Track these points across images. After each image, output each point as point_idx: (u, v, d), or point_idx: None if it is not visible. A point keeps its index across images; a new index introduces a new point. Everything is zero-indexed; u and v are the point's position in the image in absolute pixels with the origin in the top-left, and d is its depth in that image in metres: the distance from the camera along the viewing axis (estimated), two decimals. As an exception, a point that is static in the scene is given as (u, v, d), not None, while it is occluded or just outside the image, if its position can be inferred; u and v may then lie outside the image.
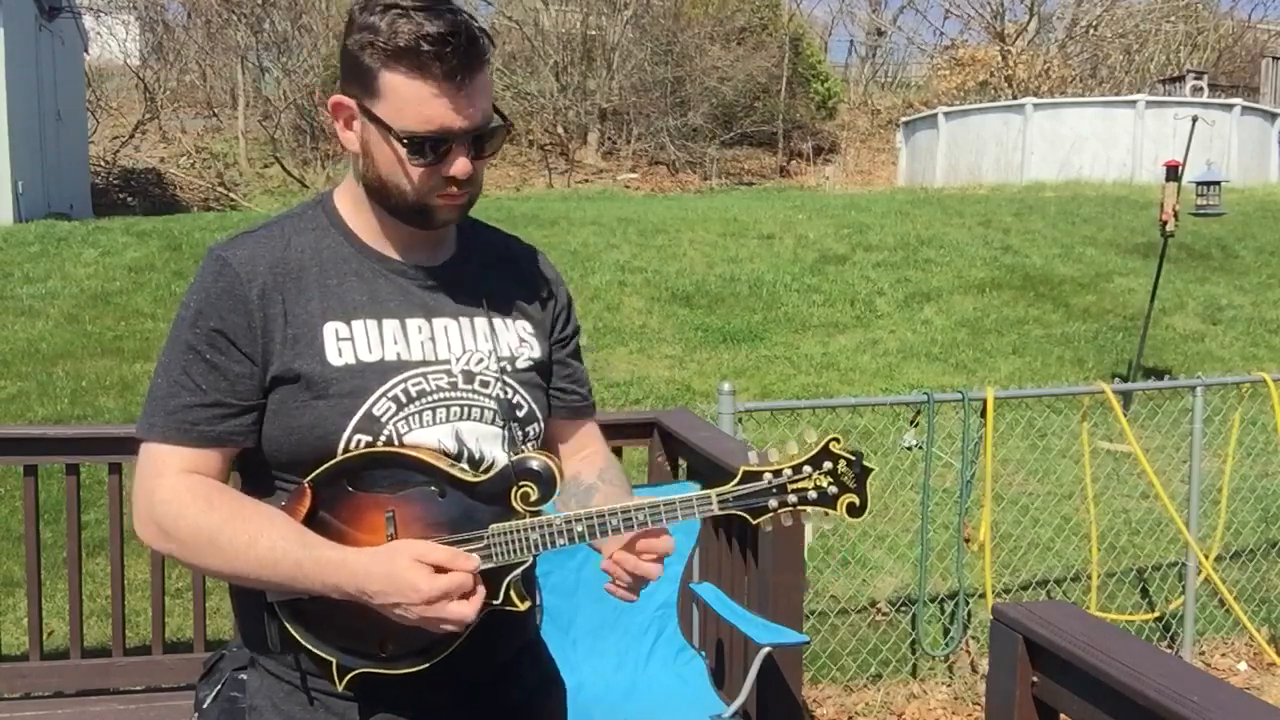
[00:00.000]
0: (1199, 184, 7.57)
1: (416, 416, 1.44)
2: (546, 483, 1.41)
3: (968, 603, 4.41)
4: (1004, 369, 7.92)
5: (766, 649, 2.76)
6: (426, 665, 1.43)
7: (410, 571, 1.33)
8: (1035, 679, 1.98)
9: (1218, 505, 4.96)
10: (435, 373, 1.47)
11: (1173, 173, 7.09)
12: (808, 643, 2.99)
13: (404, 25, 1.36)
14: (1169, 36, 26.84)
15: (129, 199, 18.11)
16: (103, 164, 19.05)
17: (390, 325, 1.47)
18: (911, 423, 4.39)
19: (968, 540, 4.46)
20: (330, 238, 1.50)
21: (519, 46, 22.35)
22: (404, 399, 1.44)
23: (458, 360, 1.49)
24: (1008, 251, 10.52)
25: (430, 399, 1.46)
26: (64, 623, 3.92)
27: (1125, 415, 4.55)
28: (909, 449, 4.51)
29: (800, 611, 3.00)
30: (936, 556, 4.92)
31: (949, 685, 4.41)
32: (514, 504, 1.40)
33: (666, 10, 22.17)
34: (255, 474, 1.48)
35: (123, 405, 6.38)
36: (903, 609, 4.76)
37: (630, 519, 1.39)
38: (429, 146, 1.40)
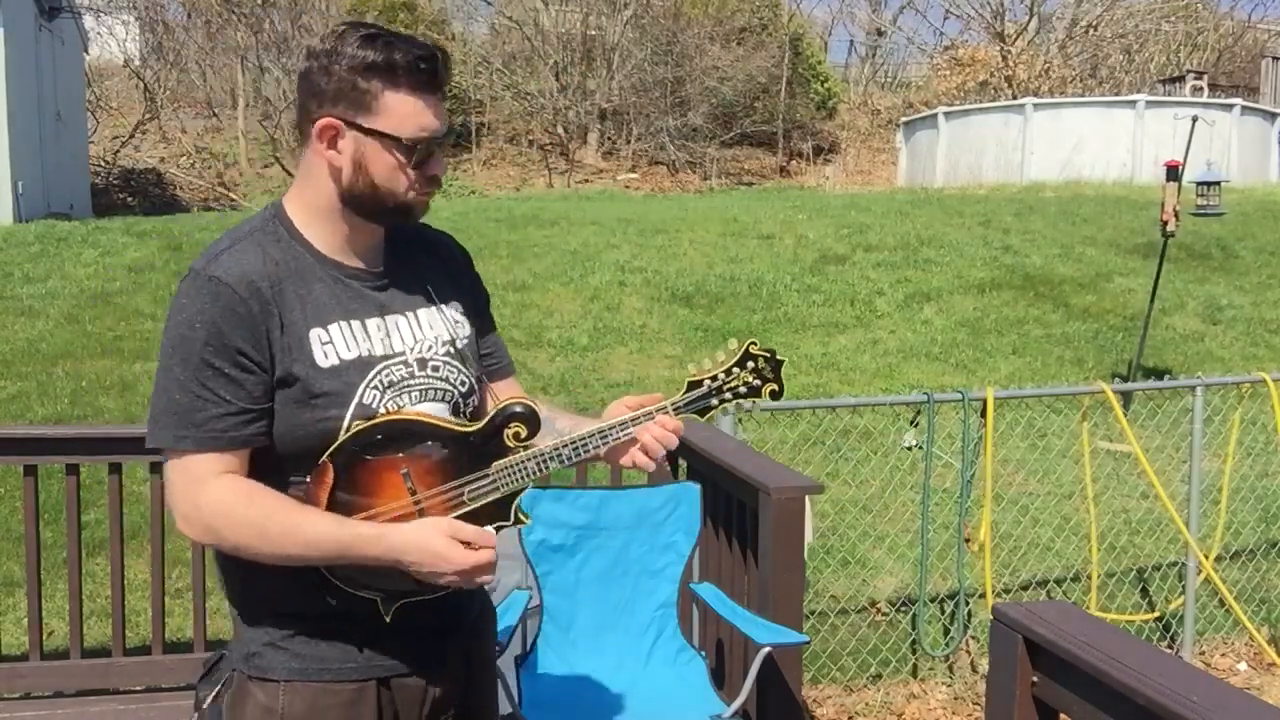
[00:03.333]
0: (1199, 184, 7.57)
1: (394, 401, 1.66)
2: (532, 421, 1.65)
3: (968, 603, 4.41)
4: (1004, 369, 7.92)
5: (766, 649, 2.76)
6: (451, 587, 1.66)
7: (447, 548, 1.56)
8: (1035, 679, 1.98)
9: (1218, 505, 4.96)
10: (396, 364, 1.68)
11: (1173, 173, 7.09)
12: (808, 643, 2.99)
13: (400, 51, 1.58)
14: (1169, 36, 26.83)
15: (129, 199, 18.11)
16: (103, 164, 19.03)
17: (356, 326, 1.66)
18: (911, 423, 4.39)
19: (968, 540, 4.46)
20: (294, 249, 1.66)
21: (519, 46, 22.35)
22: (382, 388, 1.65)
23: (411, 350, 1.70)
24: (1008, 251, 10.52)
25: (397, 387, 1.67)
26: (64, 623, 3.92)
27: (1125, 415, 4.55)
28: (909, 449, 4.51)
29: (800, 611, 3.00)
30: (936, 556, 4.92)
31: (949, 685, 4.41)
32: (508, 443, 1.65)
33: (666, 10, 22.15)
34: (266, 471, 1.62)
35: (123, 405, 6.38)
36: (903, 609, 4.76)
37: (605, 436, 1.67)
38: (424, 151, 1.63)
